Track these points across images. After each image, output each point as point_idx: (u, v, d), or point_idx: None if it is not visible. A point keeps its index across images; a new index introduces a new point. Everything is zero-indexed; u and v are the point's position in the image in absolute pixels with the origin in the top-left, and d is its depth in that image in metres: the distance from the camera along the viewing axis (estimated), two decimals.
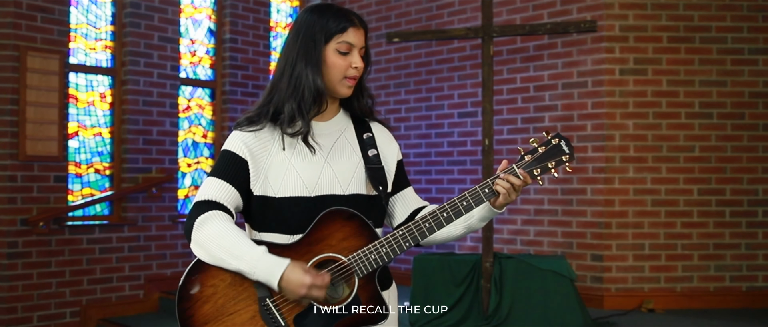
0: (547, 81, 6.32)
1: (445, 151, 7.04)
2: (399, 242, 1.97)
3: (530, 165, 2.04)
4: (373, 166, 2.11)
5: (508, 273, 5.07)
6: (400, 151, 2.25)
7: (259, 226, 2.06)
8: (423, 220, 1.99)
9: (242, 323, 1.92)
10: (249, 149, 2.03)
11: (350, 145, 2.12)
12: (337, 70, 2.04)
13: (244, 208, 2.08)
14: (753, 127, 6.05)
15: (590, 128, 6.07)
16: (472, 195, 2.01)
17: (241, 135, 2.05)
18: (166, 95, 6.65)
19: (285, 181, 2.01)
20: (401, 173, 2.22)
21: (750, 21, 6.05)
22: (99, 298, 6.18)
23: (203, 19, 7.18)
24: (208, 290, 1.94)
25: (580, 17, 6.06)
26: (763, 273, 6.03)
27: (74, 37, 6.22)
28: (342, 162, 2.08)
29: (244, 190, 2.04)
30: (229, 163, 2.03)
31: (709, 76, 6.05)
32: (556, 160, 2.06)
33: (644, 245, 6.00)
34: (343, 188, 2.05)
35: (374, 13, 7.63)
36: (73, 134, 6.22)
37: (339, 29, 2.03)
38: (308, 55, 2.03)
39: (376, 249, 1.95)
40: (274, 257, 1.89)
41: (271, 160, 2.04)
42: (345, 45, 2.03)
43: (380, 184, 2.09)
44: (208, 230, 1.93)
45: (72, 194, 6.20)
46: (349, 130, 2.15)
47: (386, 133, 2.23)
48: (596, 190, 6.03)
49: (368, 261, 1.94)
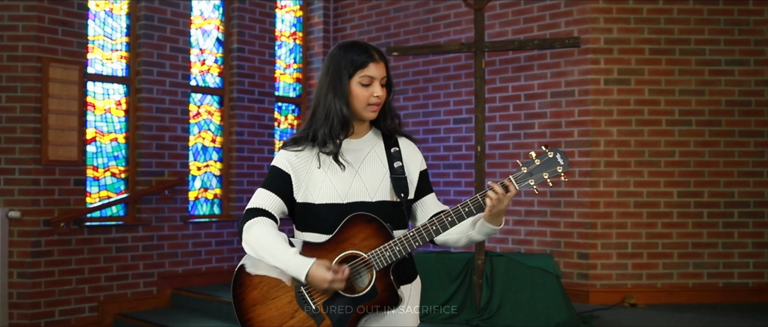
0: (536, 90, 6.58)
1: (441, 155, 7.28)
2: (409, 242, 2.32)
3: (525, 176, 2.34)
4: (397, 176, 2.46)
5: (499, 270, 5.35)
6: (424, 162, 2.60)
7: (302, 226, 2.46)
8: (430, 223, 2.34)
9: (282, 305, 2.35)
10: (292, 166, 2.44)
11: (379, 158, 2.48)
12: (361, 100, 2.41)
13: (289, 212, 2.49)
14: (729, 134, 6.31)
15: (577, 134, 6.32)
16: (473, 202, 2.34)
17: (286, 154, 2.46)
18: (177, 102, 6.91)
19: (322, 190, 2.41)
20: (424, 182, 2.55)
21: (726, 34, 6.31)
22: (115, 294, 6.44)
23: (212, 29, 7.45)
24: (256, 279, 2.39)
25: (567, 30, 6.34)
26: (738, 270, 6.28)
27: (92, 48, 6.48)
28: (370, 173, 2.45)
29: (289, 198, 2.45)
30: (275, 177, 2.45)
31: (689, 85, 6.30)
32: (550, 172, 2.34)
33: (627, 244, 6.25)
34: (371, 196, 2.42)
35: (374, 24, 7.87)
36: (91, 140, 6.47)
37: (361, 65, 2.40)
38: (336, 88, 2.41)
39: (390, 247, 2.31)
40: (302, 257, 2.29)
41: (310, 174, 2.43)
42: (367, 78, 2.40)
43: (402, 192, 2.45)
44: (253, 233, 2.36)
45: (90, 196, 6.45)
46: (379, 146, 2.51)
47: (412, 146, 2.58)
48: (582, 192, 6.28)
49: (384, 257, 2.31)
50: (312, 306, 2.34)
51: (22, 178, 5.91)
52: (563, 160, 2.35)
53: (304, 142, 2.47)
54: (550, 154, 2.36)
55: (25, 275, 5.87)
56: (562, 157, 2.36)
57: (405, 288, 2.46)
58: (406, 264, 2.47)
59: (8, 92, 5.93)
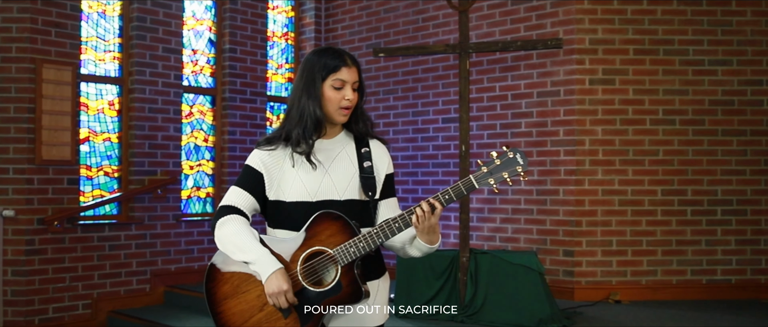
0: (523, 90, 6.65)
1: (430, 154, 7.36)
2: (374, 238, 2.41)
3: (486, 176, 2.41)
4: (366, 176, 2.55)
5: (483, 267, 5.43)
6: (391, 166, 2.67)
7: (274, 223, 2.55)
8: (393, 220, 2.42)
9: (251, 299, 2.44)
10: (264, 164, 2.53)
11: (349, 158, 2.57)
12: (333, 103, 2.50)
13: (262, 210, 2.58)
14: (713, 133, 6.39)
15: (562, 134, 6.39)
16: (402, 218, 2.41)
17: (259, 153, 2.55)
18: (169, 102, 6.98)
19: (293, 188, 2.50)
20: (388, 184, 2.63)
21: (710, 34, 6.39)
22: (109, 292, 6.50)
23: (204, 30, 7.51)
24: (228, 274, 2.48)
25: (553, 31, 6.41)
26: (721, 267, 6.36)
27: (85, 49, 6.54)
28: (340, 172, 2.53)
29: (261, 196, 2.54)
30: (248, 176, 2.54)
31: (672, 85, 6.37)
32: (510, 171, 2.41)
33: (612, 242, 6.33)
34: (340, 194, 2.51)
35: (365, 24, 7.95)
36: (85, 140, 6.53)
37: (334, 69, 2.49)
38: (310, 91, 2.50)
39: (355, 243, 2.40)
40: (271, 259, 2.39)
41: (282, 173, 2.52)
42: (339, 81, 2.49)
43: (371, 191, 2.54)
44: (226, 229, 2.46)
45: (83, 195, 6.51)
46: (350, 146, 2.60)
47: (382, 148, 2.66)
48: (568, 190, 6.36)
49: (349, 252, 2.40)
50: None
51: (16, 178, 5.98)
52: (523, 159, 2.42)
53: (277, 141, 2.55)
54: (510, 154, 2.43)
55: (19, 273, 5.95)
56: (521, 157, 2.42)
57: (372, 283, 2.55)
58: (373, 260, 2.56)
59: (2, 93, 6.00)
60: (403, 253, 2.59)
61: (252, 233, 2.46)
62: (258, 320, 2.43)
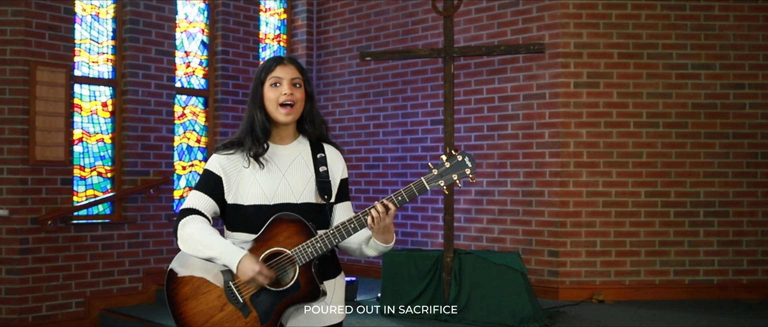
0: (510, 92, 6.70)
1: (419, 155, 7.40)
2: (330, 238, 2.50)
3: (436, 177, 2.50)
4: (322, 180, 2.63)
5: (467, 267, 5.48)
6: (346, 171, 2.75)
7: (232, 226, 2.62)
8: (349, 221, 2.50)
9: (212, 300, 2.51)
10: (223, 168, 2.60)
11: (305, 163, 2.64)
12: (272, 100, 2.58)
13: (221, 213, 2.65)
14: (696, 135, 6.44)
15: (548, 136, 6.44)
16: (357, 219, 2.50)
17: (218, 157, 2.62)
18: (162, 104, 7.00)
19: (250, 192, 2.57)
20: (343, 189, 2.71)
21: (693, 39, 6.44)
22: (101, 290, 6.52)
23: (197, 32, 7.54)
24: (188, 276, 2.54)
25: (538, 35, 6.47)
26: (704, 267, 6.42)
27: (79, 51, 6.57)
28: (297, 176, 2.61)
29: (220, 200, 2.60)
30: (207, 179, 2.61)
31: (656, 88, 6.42)
32: (459, 173, 2.50)
33: (596, 242, 6.38)
34: (297, 197, 2.58)
35: (356, 27, 8.00)
36: (78, 140, 6.55)
37: (269, 69, 2.60)
38: (254, 96, 2.62)
39: (312, 244, 2.49)
40: (236, 248, 2.46)
41: (241, 177, 2.60)
42: (274, 78, 2.58)
43: (326, 194, 2.62)
44: (188, 229, 2.50)
45: (77, 195, 6.53)
46: (306, 152, 2.68)
47: (336, 153, 2.73)
48: (553, 192, 6.41)
49: (306, 253, 2.48)
50: (239, 299, 2.50)
51: (11, 178, 6.03)
52: (471, 162, 2.52)
53: (235, 146, 2.63)
54: (458, 158, 2.52)
55: (13, 272, 5.98)
56: (470, 160, 2.52)
57: (328, 283, 2.63)
58: (329, 260, 2.65)
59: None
60: (359, 254, 2.65)
61: (214, 230, 2.53)
62: (219, 320, 2.50)
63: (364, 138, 7.96)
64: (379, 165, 7.83)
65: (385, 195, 7.57)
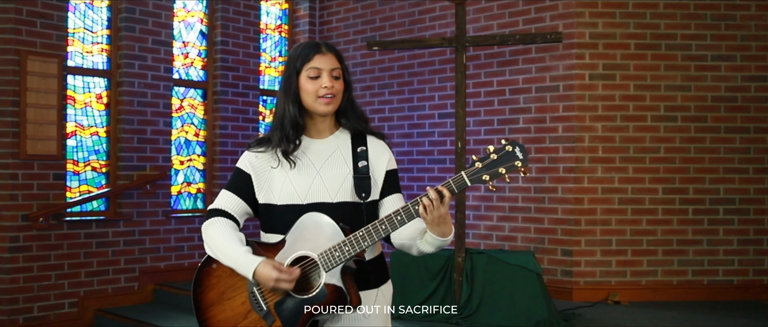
0: (521, 85, 6.54)
1: (426, 150, 7.25)
2: (359, 241, 2.28)
3: (479, 171, 2.23)
4: (360, 176, 2.41)
5: (479, 267, 5.32)
6: (392, 161, 2.52)
7: (266, 227, 2.47)
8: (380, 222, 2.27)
9: (236, 306, 2.36)
10: (253, 167, 2.46)
11: (343, 158, 2.44)
12: (310, 93, 2.40)
13: (255, 214, 2.51)
14: (715, 130, 6.29)
15: (561, 130, 6.29)
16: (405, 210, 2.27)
17: (248, 155, 2.48)
18: (159, 96, 6.85)
19: (283, 191, 2.41)
20: (390, 182, 2.48)
21: (713, 29, 6.28)
22: (96, 290, 6.39)
23: (195, 22, 7.37)
24: (214, 280, 2.40)
25: (552, 25, 6.29)
26: (723, 267, 6.27)
27: (72, 41, 6.41)
28: (332, 173, 2.41)
29: (251, 199, 2.47)
30: (237, 178, 2.48)
31: (674, 81, 6.27)
32: (507, 166, 2.22)
33: (611, 241, 6.23)
34: (332, 196, 2.38)
35: (360, 17, 7.83)
36: (71, 134, 6.41)
37: (306, 58, 2.41)
38: (287, 88, 2.43)
39: (340, 247, 2.27)
40: (251, 256, 2.29)
41: (272, 175, 2.44)
42: (313, 70, 2.40)
43: (364, 192, 2.40)
44: (210, 232, 2.40)
45: (70, 191, 6.39)
46: (345, 145, 2.47)
47: (380, 144, 2.51)
48: (567, 188, 6.25)
49: (334, 257, 2.28)
50: (263, 306, 2.34)
51: (0, 173, 5.86)
52: (522, 153, 2.25)
53: (266, 143, 2.48)
54: (508, 148, 2.26)
55: (3, 271, 5.83)
56: (520, 150, 2.25)
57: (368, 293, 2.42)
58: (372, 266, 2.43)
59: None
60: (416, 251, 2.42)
61: (236, 236, 2.37)
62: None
63: None
64: None
65: None
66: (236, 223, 2.45)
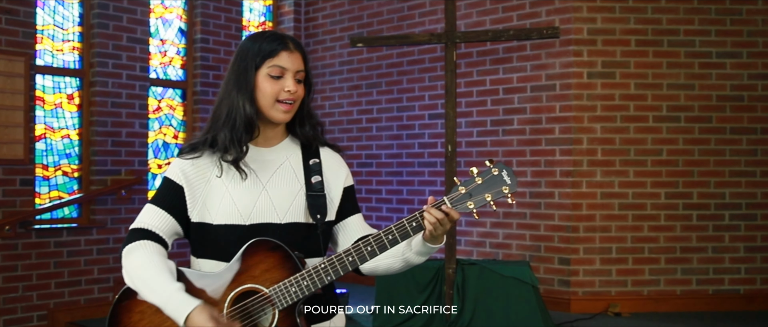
0: (516, 84, 6.41)
1: (415, 152, 7.12)
2: (320, 275, 1.96)
3: (463, 198, 1.97)
4: (314, 194, 2.11)
5: (471, 279, 5.12)
6: (349, 177, 2.23)
7: (198, 252, 2.11)
8: (346, 253, 1.99)
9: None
10: (185, 176, 2.08)
11: (293, 172, 2.13)
12: (268, 96, 2.05)
13: (185, 233, 2.13)
14: (720, 131, 6.17)
15: (558, 131, 6.16)
16: (399, 229, 1.98)
17: (180, 163, 2.11)
18: (135, 96, 6.66)
19: (221, 208, 2.05)
20: (348, 200, 2.20)
21: (718, 24, 6.15)
22: (67, 302, 6.17)
23: (174, 19, 7.19)
24: (136, 316, 2.02)
25: (548, 20, 6.16)
26: (729, 276, 6.16)
27: (41, 38, 6.21)
28: (281, 189, 2.09)
29: (183, 217, 2.09)
30: (166, 191, 2.10)
31: (677, 79, 6.15)
32: (494, 192, 1.97)
33: (611, 249, 6.10)
34: (280, 216, 2.06)
35: (347, 13, 7.71)
36: (41, 137, 6.21)
37: (270, 53, 2.06)
38: (240, 82, 2.06)
39: (297, 281, 1.96)
40: (184, 296, 1.92)
41: (209, 188, 2.08)
42: (276, 69, 2.05)
43: (319, 213, 2.09)
44: (132, 260, 2.01)
45: (39, 197, 6.19)
46: (296, 156, 2.16)
47: (336, 158, 2.22)
48: (564, 193, 6.12)
49: (289, 293, 1.95)
50: None
51: None
52: (510, 178, 1.98)
53: (202, 148, 2.12)
54: (494, 172, 1.98)
55: None
56: (508, 174, 1.98)
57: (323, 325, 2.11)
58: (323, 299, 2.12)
59: None
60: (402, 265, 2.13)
61: (165, 266, 2.00)
62: None
63: (356, 133, 7.66)
64: (372, 163, 7.53)
65: (378, 195, 7.37)
66: (165, 247, 2.08)
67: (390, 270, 2.15)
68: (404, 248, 2.08)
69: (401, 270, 2.15)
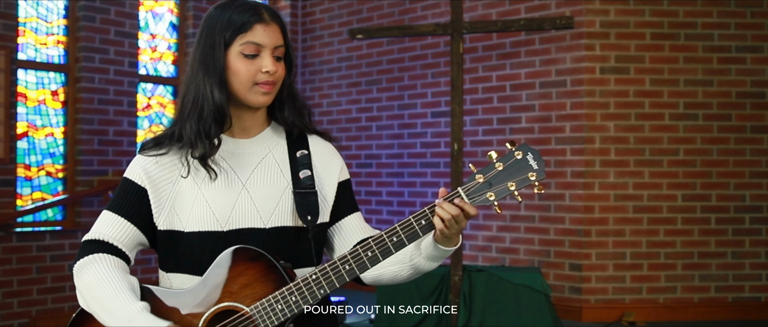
0: (524, 79, 6.31)
1: (417, 152, 7.04)
2: (311, 288, 1.69)
3: (481, 188, 1.69)
4: (303, 191, 1.83)
5: (478, 287, 4.95)
6: (345, 170, 1.95)
7: (168, 265, 1.85)
8: (342, 260, 1.71)
9: None
10: (148, 176, 1.82)
11: (278, 167, 1.85)
12: (244, 78, 1.77)
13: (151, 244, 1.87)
14: (740, 129, 6.07)
15: (569, 130, 6.06)
16: (405, 229, 1.70)
17: (141, 160, 1.85)
18: (123, 93, 6.55)
19: (193, 212, 1.79)
20: (344, 197, 1.93)
21: (738, 17, 6.05)
22: (50, 309, 6.03)
23: (165, 12, 7.08)
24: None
25: (558, 12, 6.02)
26: (750, 283, 6.07)
27: (23, 31, 6.11)
28: (265, 188, 1.82)
29: (147, 225, 1.84)
30: (126, 194, 1.84)
31: (695, 75, 6.06)
32: (518, 180, 1.70)
33: (625, 254, 6.01)
34: (264, 220, 1.80)
35: (346, 7, 7.61)
36: (23, 135, 6.10)
37: (242, 27, 1.77)
38: (207, 63, 1.77)
39: (283, 297, 1.69)
40: (150, 318, 1.65)
41: (177, 189, 1.82)
42: (251, 46, 1.76)
43: (309, 213, 1.82)
44: (85, 278, 1.77)
45: (21, 199, 6.08)
46: (280, 148, 1.88)
47: (327, 148, 1.94)
48: (575, 195, 6.02)
49: (274, 312, 1.69)
50: None
51: None
52: (537, 162, 1.71)
53: (169, 142, 1.83)
54: (517, 155, 1.71)
55: None
56: (535, 158, 1.71)
57: None
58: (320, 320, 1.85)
59: None
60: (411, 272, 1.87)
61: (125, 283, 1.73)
62: None
63: (355, 132, 7.54)
64: (372, 163, 7.40)
65: (378, 197, 7.15)
66: (125, 261, 1.82)
67: (396, 279, 1.88)
68: (412, 252, 1.81)
69: (409, 278, 1.88)
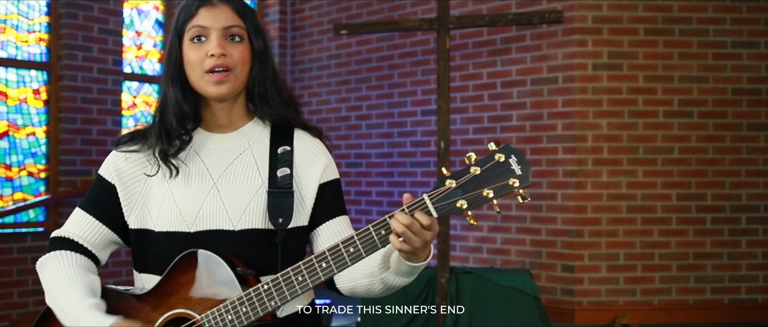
0: (514, 76, 6.26)
1: (408, 151, 6.98)
2: (262, 299, 1.58)
3: (450, 195, 1.51)
4: (278, 191, 1.72)
5: (466, 290, 4.87)
6: (331, 170, 1.82)
7: (139, 265, 1.80)
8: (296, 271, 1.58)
9: None
10: (118, 173, 1.78)
11: (255, 164, 1.76)
12: (195, 66, 1.71)
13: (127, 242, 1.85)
14: (736, 127, 6.02)
15: (561, 128, 6.01)
16: (363, 239, 1.55)
17: (113, 156, 1.82)
18: (107, 92, 6.49)
19: (162, 211, 1.74)
20: (327, 199, 1.80)
21: (733, 12, 5.99)
22: (31, 312, 5.94)
23: (150, 9, 7.02)
24: None
25: (549, 7, 5.93)
26: (746, 284, 6.02)
27: (3, 28, 6.07)
28: (236, 186, 1.73)
29: (118, 223, 1.80)
30: (96, 190, 1.81)
31: (690, 71, 6.00)
32: (497, 187, 1.50)
33: (619, 255, 5.96)
34: (234, 222, 1.70)
35: (335, 4, 7.56)
36: (3, 134, 6.07)
37: (188, 15, 1.72)
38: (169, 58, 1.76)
39: (234, 307, 1.59)
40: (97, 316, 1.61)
41: (148, 187, 1.78)
42: (195, 30, 1.70)
43: (281, 215, 1.71)
44: (45, 275, 1.78)
45: (2, 199, 6.04)
46: (261, 144, 1.78)
47: (313, 145, 1.81)
48: (567, 195, 5.97)
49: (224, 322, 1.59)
50: None
51: None
52: (521, 166, 1.52)
53: (142, 139, 1.81)
54: (498, 158, 1.51)
55: None
56: (519, 161, 1.52)
57: None
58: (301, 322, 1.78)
59: None
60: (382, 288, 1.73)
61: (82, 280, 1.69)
62: None
63: (345, 131, 7.50)
64: (362, 163, 7.34)
65: (368, 197, 7.05)
66: (92, 260, 1.76)
67: (371, 292, 1.76)
68: (380, 266, 1.67)
69: (383, 293, 1.76)
